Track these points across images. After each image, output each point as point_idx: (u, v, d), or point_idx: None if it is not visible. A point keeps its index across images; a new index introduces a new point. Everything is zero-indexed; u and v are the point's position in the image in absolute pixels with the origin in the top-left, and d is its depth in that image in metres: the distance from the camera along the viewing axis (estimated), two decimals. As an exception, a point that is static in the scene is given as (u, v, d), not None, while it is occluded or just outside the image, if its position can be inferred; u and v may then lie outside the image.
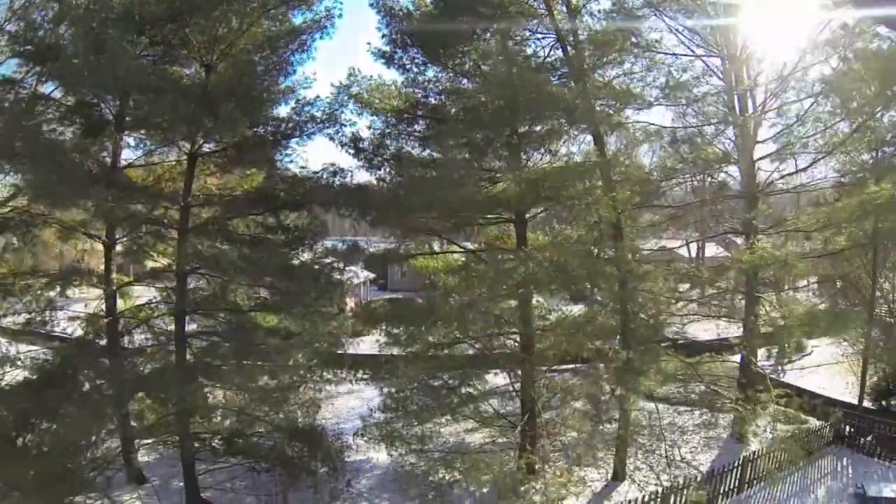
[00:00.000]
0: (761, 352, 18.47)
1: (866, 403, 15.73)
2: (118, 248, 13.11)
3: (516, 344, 13.28)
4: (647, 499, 11.59)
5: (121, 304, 13.85)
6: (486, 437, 14.35)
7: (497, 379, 14.55)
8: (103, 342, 12.11)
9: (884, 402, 15.67)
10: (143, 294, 17.34)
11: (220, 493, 13.15)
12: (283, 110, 12.49)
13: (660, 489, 11.77)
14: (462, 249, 13.76)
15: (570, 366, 15.08)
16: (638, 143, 12.23)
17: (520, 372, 13.05)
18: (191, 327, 12.71)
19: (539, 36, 12.85)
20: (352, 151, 12.59)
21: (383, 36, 12.33)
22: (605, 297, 11.70)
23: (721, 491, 12.47)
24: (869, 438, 13.84)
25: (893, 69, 10.10)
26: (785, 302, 12.84)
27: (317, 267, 11.39)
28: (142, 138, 13.26)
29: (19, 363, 10.48)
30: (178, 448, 13.98)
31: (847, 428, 14.28)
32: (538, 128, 11.73)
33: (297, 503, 12.58)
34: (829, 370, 18.65)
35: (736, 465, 12.58)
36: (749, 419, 11.88)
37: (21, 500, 10.55)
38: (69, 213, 12.01)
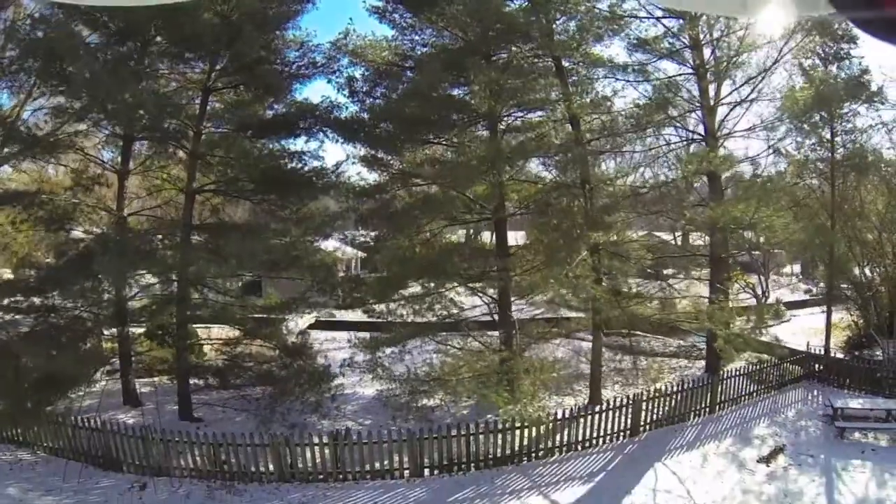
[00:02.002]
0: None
1: (841, 356, 16.26)
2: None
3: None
4: (620, 402, 12.09)
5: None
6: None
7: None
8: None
9: (856, 353, 16.19)
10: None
11: (211, 412, 13.67)
12: (289, 56, 14.12)
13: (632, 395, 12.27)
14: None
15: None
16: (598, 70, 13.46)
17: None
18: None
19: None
20: (346, 93, 14.02)
21: (376, -9, 13.96)
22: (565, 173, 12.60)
23: (693, 409, 12.90)
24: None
25: None
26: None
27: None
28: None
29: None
30: (173, 379, 14.69)
31: (817, 366, 14.79)
32: (505, 55, 13.09)
33: (284, 417, 13.05)
34: (804, 334, 19.18)
35: (707, 382, 13.08)
36: (720, 331, 12.47)
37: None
38: (96, 133, 13.38)
